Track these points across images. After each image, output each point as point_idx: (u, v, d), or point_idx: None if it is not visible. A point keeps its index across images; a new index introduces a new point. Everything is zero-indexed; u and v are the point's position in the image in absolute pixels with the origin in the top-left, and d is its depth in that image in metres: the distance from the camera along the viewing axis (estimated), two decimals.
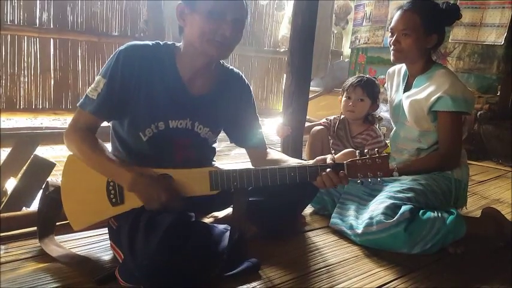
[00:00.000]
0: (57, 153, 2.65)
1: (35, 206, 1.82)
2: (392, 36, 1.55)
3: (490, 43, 3.18)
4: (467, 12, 3.20)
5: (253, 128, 1.33)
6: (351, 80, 1.98)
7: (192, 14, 1.08)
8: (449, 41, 3.35)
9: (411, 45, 1.50)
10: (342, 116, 2.03)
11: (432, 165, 1.51)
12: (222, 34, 1.06)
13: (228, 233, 1.14)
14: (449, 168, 1.51)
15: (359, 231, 1.34)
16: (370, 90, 1.92)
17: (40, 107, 4.73)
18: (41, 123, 4.17)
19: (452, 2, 3.22)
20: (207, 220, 1.36)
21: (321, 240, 1.39)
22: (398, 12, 1.54)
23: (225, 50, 1.11)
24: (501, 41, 3.12)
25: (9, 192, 1.99)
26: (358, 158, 1.10)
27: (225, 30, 1.06)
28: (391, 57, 1.58)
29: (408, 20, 1.50)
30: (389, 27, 1.59)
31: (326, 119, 2.09)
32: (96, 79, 1.12)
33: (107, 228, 1.18)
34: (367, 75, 2.03)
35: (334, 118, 2.06)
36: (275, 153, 1.36)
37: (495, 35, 3.15)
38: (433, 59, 1.61)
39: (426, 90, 1.52)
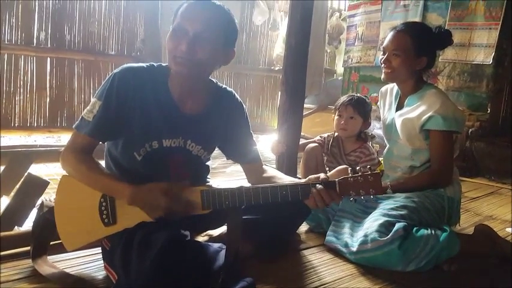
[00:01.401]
0: (50, 171, 2.63)
1: (27, 225, 1.80)
2: (384, 55, 1.60)
3: (479, 62, 3.27)
4: (456, 33, 3.29)
5: (247, 144, 1.34)
6: (342, 99, 2.02)
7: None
8: (440, 60, 3.43)
9: (400, 65, 1.55)
10: (336, 134, 2.05)
11: (425, 183, 1.53)
12: (180, 49, 1.07)
13: (223, 252, 1.13)
14: (441, 185, 1.52)
15: (354, 249, 1.34)
16: (361, 109, 1.95)
17: (35, 124, 4.71)
18: (35, 141, 4.14)
19: (441, 22, 3.37)
20: (202, 239, 1.36)
21: (316, 258, 1.38)
22: (391, 33, 1.59)
23: (188, 66, 1.08)
24: (489, 60, 3.20)
25: (1, 211, 1.96)
26: (350, 175, 1.11)
27: (182, 45, 1.07)
28: (382, 76, 1.63)
29: (399, 41, 1.55)
30: (381, 46, 1.64)
31: (320, 136, 2.11)
32: (91, 101, 1.14)
33: (100, 248, 1.17)
34: (358, 94, 2.07)
35: (328, 136, 2.09)
36: (270, 170, 1.38)
37: (483, 55, 3.24)
38: (424, 79, 1.65)
39: (418, 109, 1.56)
